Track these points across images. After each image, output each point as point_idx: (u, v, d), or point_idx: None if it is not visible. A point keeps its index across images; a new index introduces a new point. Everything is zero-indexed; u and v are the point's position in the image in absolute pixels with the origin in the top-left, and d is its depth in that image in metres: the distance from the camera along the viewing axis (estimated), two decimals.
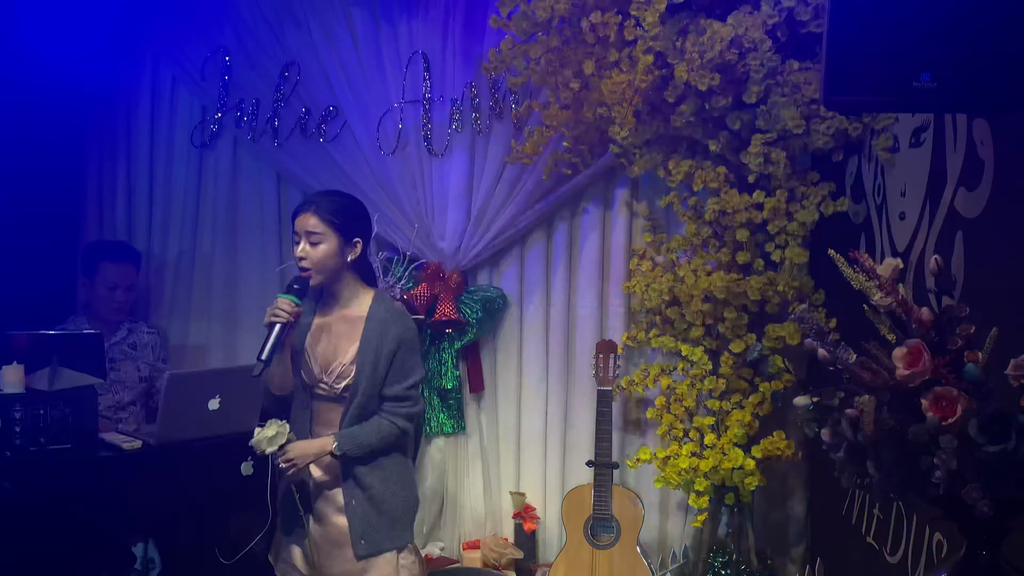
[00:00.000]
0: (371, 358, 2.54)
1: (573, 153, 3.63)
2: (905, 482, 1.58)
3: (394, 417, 2.58)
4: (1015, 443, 1.43)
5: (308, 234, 2.52)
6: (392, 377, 2.57)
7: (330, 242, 2.52)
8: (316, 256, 2.52)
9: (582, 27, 3.22)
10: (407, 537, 2.65)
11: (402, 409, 2.59)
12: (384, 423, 2.57)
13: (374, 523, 2.57)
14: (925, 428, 1.51)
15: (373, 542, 2.57)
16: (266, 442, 2.48)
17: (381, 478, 2.59)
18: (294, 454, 2.51)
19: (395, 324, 2.56)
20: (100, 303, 3.76)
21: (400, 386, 2.58)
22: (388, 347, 2.54)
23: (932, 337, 1.61)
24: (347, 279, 2.60)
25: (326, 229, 2.52)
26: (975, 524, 1.55)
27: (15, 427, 2.85)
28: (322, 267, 2.53)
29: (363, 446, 2.55)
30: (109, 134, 4.23)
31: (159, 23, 4.13)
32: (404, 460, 2.68)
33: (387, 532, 2.59)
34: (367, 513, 2.57)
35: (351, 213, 2.57)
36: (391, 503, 2.60)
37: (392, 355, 2.55)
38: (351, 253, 2.56)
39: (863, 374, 1.60)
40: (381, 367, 2.54)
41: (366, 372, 2.54)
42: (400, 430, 2.59)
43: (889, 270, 1.68)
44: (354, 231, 2.56)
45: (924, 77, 1.65)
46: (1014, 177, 2.02)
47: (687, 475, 3.40)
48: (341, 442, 2.53)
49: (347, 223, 2.55)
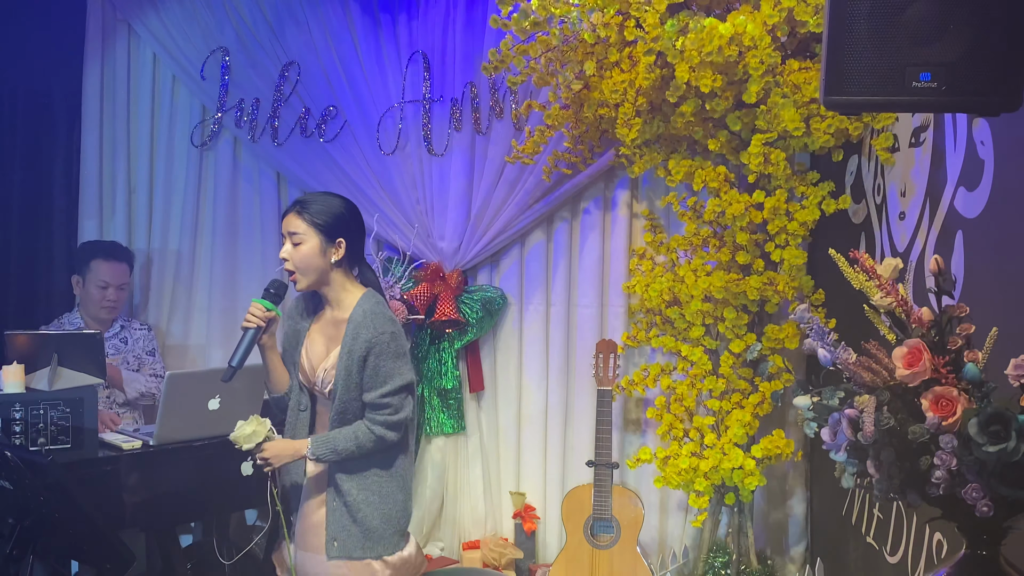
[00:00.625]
0: (344, 363, 2.51)
1: (573, 153, 3.64)
2: (905, 482, 1.58)
3: (372, 425, 2.52)
4: (1015, 443, 1.43)
5: (291, 235, 2.52)
6: (367, 383, 2.52)
7: (311, 242, 2.51)
8: (297, 256, 2.51)
9: (582, 27, 3.22)
10: (383, 549, 2.57)
11: (379, 417, 2.52)
12: (362, 430, 2.52)
13: (348, 529, 2.55)
14: (925, 428, 1.51)
15: (344, 547, 2.54)
16: (244, 439, 2.48)
17: (359, 486, 2.55)
18: (269, 453, 2.51)
19: (368, 328, 2.50)
20: (91, 302, 3.76)
21: (375, 392, 2.51)
22: (358, 352, 2.49)
23: (932, 337, 1.61)
24: (335, 280, 2.58)
25: (307, 229, 2.51)
26: (975, 524, 1.55)
27: (15, 427, 2.85)
28: (305, 268, 2.52)
29: (338, 452, 2.51)
30: (109, 133, 4.23)
31: (159, 23, 4.13)
32: (391, 472, 2.59)
33: (360, 540, 2.54)
34: (343, 518, 2.55)
35: (334, 214, 2.54)
36: (366, 513, 2.54)
37: (363, 360, 2.49)
38: (334, 254, 2.54)
39: (863, 374, 1.60)
40: (354, 372, 2.50)
41: (341, 376, 2.51)
42: (377, 438, 2.51)
43: (889, 270, 1.68)
44: (337, 231, 2.54)
45: (924, 77, 1.65)
46: (1014, 177, 2.02)
47: (687, 475, 3.40)
48: (315, 446, 2.52)
49: (329, 223, 2.53)
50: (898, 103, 1.76)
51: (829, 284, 3.36)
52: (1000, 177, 2.09)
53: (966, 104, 1.73)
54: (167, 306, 4.25)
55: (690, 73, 3.03)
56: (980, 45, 1.63)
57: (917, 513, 2.49)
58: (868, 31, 1.66)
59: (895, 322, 1.68)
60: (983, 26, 1.62)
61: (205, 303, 4.20)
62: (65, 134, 4.23)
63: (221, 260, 4.19)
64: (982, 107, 1.71)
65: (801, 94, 3.05)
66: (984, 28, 1.62)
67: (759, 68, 2.96)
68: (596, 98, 3.34)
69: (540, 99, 3.67)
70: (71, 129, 4.23)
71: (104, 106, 4.21)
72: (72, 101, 4.21)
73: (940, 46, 1.64)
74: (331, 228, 2.53)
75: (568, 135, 3.61)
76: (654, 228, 3.74)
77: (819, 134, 3.07)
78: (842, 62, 1.68)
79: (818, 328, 1.69)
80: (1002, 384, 1.56)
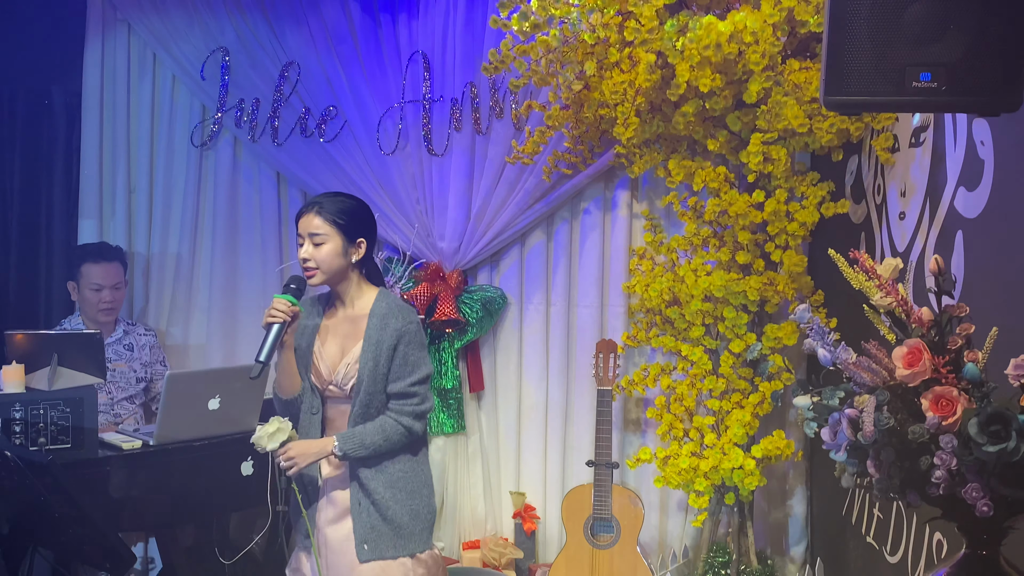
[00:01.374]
0: (372, 354, 2.51)
1: (573, 153, 3.64)
2: (905, 482, 1.58)
3: (400, 416, 2.53)
4: (1015, 443, 1.43)
5: (312, 235, 2.52)
6: (395, 373, 2.53)
7: (334, 242, 2.52)
8: (320, 256, 2.51)
9: (582, 27, 3.22)
10: (415, 546, 2.56)
11: (407, 407, 2.54)
12: (389, 423, 2.52)
13: (378, 529, 2.53)
14: (925, 428, 1.51)
15: (376, 548, 2.52)
16: (267, 439, 2.46)
17: (386, 483, 2.54)
18: (295, 452, 2.48)
19: (395, 318, 2.53)
20: (89, 306, 3.75)
21: (404, 382, 2.53)
22: (388, 341, 2.51)
23: (932, 337, 1.61)
24: (352, 280, 2.59)
25: (330, 229, 2.51)
26: (975, 524, 1.55)
27: (15, 427, 2.85)
28: (327, 268, 2.53)
29: (366, 446, 2.50)
30: (109, 133, 4.23)
31: (159, 23, 4.13)
32: (414, 465, 2.60)
33: (391, 539, 2.53)
34: (372, 518, 2.53)
35: (355, 214, 2.57)
36: (395, 511, 2.54)
37: (392, 349, 2.51)
38: (355, 254, 2.56)
39: (863, 374, 1.60)
40: (383, 363, 2.51)
41: (368, 368, 2.51)
42: (406, 430, 2.53)
43: (889, 270, 1.68)
44: (358, 232, 2.56)
45: (924, 77, 1.65)
46: (1014, 177, 2.02)
47: (687, 475, 3.40)
48: (342, 442, 2.50)
49: (351, 224, 2.54)
50: (898, 103, 1.77)
51: (829, 284, 3.36)
52: (1000, 177, 2.09)
53: (966, 104, 1.73)
54: (167, 306, 4.24)
55: (690, 72, 3.03)
56: (980, 45, 1.63)
57: (917, 513, 2.49)
58: (868, 31, 1.66)
59: (895, 322, 1.68)
60: (983, 26, 1.62)
61: (205, 303, 4.20)
62: (65, 134, 4.23)
63: (221, 260, 4.18)
64: (982, 107, 1.71)
65: (802, 93, 3.05)
66: (984, 28, 1.62)
67: (760, 63, 2.96)
68: (596, 98, 3.34)
69: (540, 99, 3.67)
70: (71, 129, 4.23)
71: (104, 106, 4.21)
72: (72, 101, 4.20)
73: (940, 46, 1.64)
74: (352, 228, 2.55)
75: (568, 135, 3.61)
76: (654, 228, 3.74)
77: (821, 133, 3.07)
78: (842, 62, 1.68)
79: (818, 328, 1.69)
80: (1002, 384, 1.56)
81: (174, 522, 3.24)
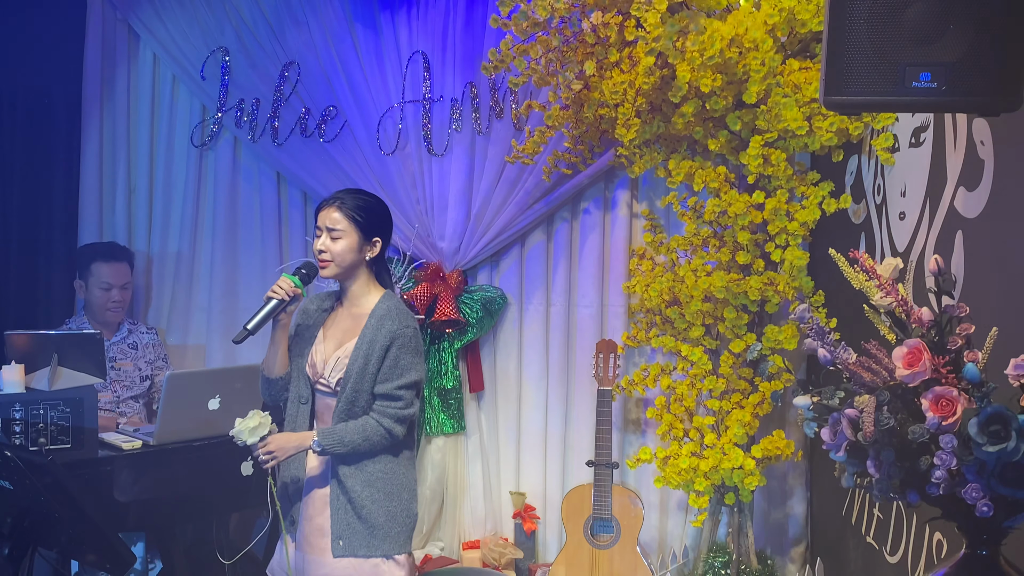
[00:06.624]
0: (364, 352, 2.52)
1: (573, 153, 3.63)
2: (905, 482, 1.58)
3: (381, 417, 2.52)
4: (1015, 443, 1.43)
5: (330, 229, 2.54)
6: (384, 374, 2.53)
7: (350, 238, 2.54)
8: (335, 250, 2.53)
9: (583, 27, 3.22)
10: (390, 548, 2.55)
11: (390, 409, 2.52)
12: (371, 423, 2.52)
13: (353, 526, 2.53)
14: (925, 428, 1.51)
15: (350, 545, 2.53)
16: (247, 432, 2.46)
17: (364, 482, 2.54)
18: (274, 446, 2.49)
19: (392, 320, 2.54)
20: (97, 304, 3.76)
21: (391, 384, 2.52)
22: (381, 342, 2.52)
23: (932, 337, 1.61)
24: (361, 277, 2.61)
25: (348, 225, 2.53)
26: (975, 524, 1.55)
27: (15, 427, 2.85)
28: (340, 261, 2.55)
29: (345, 443, 2.49)
30: (109, 133, 4.23)
31: (159, 22, 4.13)
32: (395, 467, 2.58)
33: (366, 538, 2.53)
34: (348, 515, 2.54)
35: (374, 212, 2.58)
36: (371, 510, 2.53)
37: (385, 350, 2.52)
38: (369, 252, 2.58)
39: (863, 374, 1.60)
40: (373, 362, 2.52)
41: (357, 366, 2.52)
42: (387, 431, 2.51)
43: (889, 270, 1.68)
44: (375, 230, 2.58)
45: (924, 77, 1.65)
46: (1014, 177, 2.02)
47: (687, 475, 3.40)
48: (321, 437, 2.50)
49: (369, 221, 2.56)
50: (898, 103, 1.77)
51: (829, 284, 3.36)
52: (1000, 177, 2.09)
53: (966, 104, 1.73)
54: (167, 306, 4.24)
55: (691, 74, 3.04)
56: (980, 45, 1.63)
57: (917, 513, 2.49)
58: (868, 31, 1.66)
59: (895, 322, 1.68)
60: (983, 26, 1.62)
61: (205, 303, 4.20)
62: (65, 134, 4.22)
63: (221, 260, 4.18)
64: (982, 107, 1.71)
65: (802, 94, 3.05)
66: (984, 28, 1.62)
67: (760, 70, 2.96)
68: (596, 98, 3.34)
69: (540, 99, 3.67)
70: (71, 129, 4.22)
71: (104, 106, 4.21)
72: (72, 101, 4.20)
73: (940, 46, 1.64)
74: (369, 226, 2.56)
75: (568, 135, 3.61)
76: (654, 228, 3.74)
77: (821, 132, 3.07)
78: (842, 62, 1.68)
79: (818, 328, 1.69)
80: (1002, 384, 1.56)
81: (174, 522, 3.24)
